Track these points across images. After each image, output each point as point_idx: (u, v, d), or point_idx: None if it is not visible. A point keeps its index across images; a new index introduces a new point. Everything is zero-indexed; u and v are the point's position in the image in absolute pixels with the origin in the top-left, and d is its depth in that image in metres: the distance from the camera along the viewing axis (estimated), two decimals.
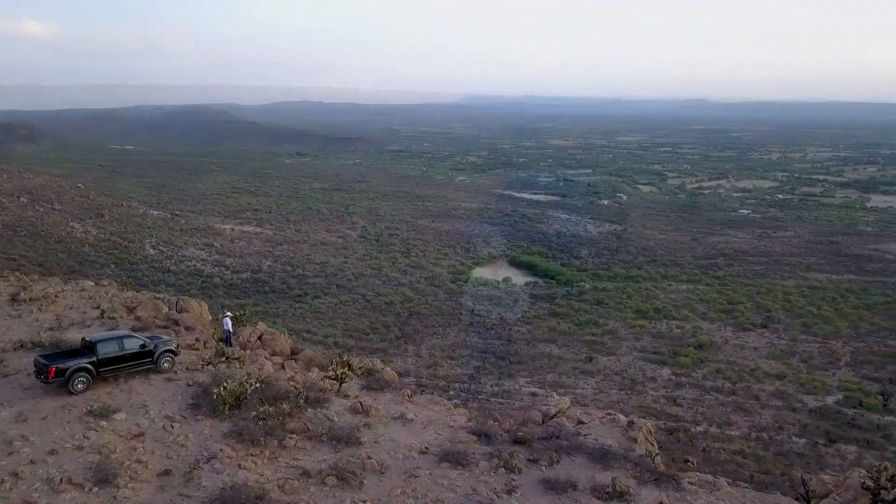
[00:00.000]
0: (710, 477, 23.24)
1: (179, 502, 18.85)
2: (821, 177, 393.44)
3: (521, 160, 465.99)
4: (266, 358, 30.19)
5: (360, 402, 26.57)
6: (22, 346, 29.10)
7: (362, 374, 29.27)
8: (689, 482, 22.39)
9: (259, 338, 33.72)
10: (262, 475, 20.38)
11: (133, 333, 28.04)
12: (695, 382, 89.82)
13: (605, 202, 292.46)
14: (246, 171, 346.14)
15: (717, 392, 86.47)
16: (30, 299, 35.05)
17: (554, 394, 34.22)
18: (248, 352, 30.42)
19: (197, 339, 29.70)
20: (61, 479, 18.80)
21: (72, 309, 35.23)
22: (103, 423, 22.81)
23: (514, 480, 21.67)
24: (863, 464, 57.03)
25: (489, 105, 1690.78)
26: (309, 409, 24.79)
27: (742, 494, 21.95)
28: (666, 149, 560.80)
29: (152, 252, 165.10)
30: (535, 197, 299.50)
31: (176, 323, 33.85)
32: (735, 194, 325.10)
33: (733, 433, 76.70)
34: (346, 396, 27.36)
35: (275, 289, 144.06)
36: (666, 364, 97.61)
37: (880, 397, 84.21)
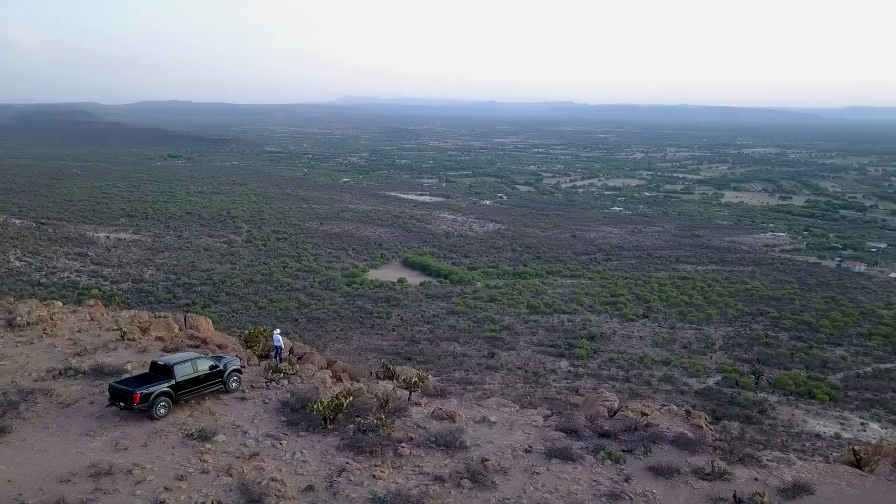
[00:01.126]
0: (781, 454, 26.16)
1: None
2: (681, 175, 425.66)
3: (403, 162, 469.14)
4: (318, 371, 29.69)
5: (442, 409, 27.21)
6: (61, 374, 27.25)
7: (413, 382, 29.89)
8: (767, 459, 24.57)
9: (290, 351, 33.19)
10: (396, 483, 20.90)
11: (203, 355, 27.45)
12: (592, 372, 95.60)
13: (488, 202, 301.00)
14: (116, 174, 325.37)
15: (613, 380, 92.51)
16: (27, 324, 32.52)
17: (604, 390, 35.78)
18: (299, 366, 30.03)
19: (239, 357, 28.77)
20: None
21: (81, 332, 32.98)
22: (209, 445, 22.39)
23: (624, 470, 23.03)
24: (745, 438, 63.02)
25: (365, 106, 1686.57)
26: (396, 419, 25.16)
27: (813, 467, 24.52)
28: (539, 150, 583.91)
29: (18, 264, 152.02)
30: (420, 198, 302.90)
31: (204, 341, 32.27)
32: (606, 192, 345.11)
33: None
34: (417, 404, 27.80)
35: (160, 299, 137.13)
36: (563, 356, 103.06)
37: (752, 376, 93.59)
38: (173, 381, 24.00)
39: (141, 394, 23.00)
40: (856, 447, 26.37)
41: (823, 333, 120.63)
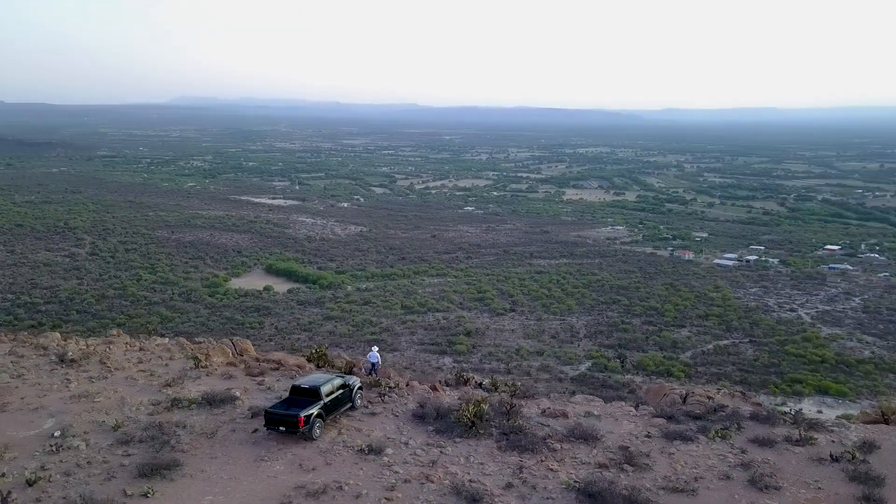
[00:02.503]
0: (841, 420, 29.96)
1: None
2: (524, 174, 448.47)
3: (250, 164, 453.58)
4: (412, 382, 29.62)
5: (552, 408, 28.82)
6: (173, 406, 26.77)
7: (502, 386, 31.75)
8: (830, 426, 27.90)
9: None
10: (570, 473, 22.40)
11: (333, 375, 27.86)
12: (475, 366, 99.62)
13: (346, 205, 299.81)
14: None
15: (496, 373, 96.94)
16: (82, 358, 30.79)
17: (660, 380, 37.83)
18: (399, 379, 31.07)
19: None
20: None
21: (142, 363, 31.78)
22: (385, 458, 23.22)
23: (735, 444, 25.33)
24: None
25: (203, 107, 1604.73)
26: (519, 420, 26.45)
27: (864, 428, 27.80)
28: (389, 152, 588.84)
29: None
30: (274, 202, 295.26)
31: (279, 363, 32.36)
32: (458, 193, 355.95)
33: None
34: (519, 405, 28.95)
35: None
36: (445, 353, 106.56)
37: (618, 361, 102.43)
38: (322, 402, 24.71)
39: (304, 417, 23.68)
40: (882, 407, 31.14)
41: (669, 317, 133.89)
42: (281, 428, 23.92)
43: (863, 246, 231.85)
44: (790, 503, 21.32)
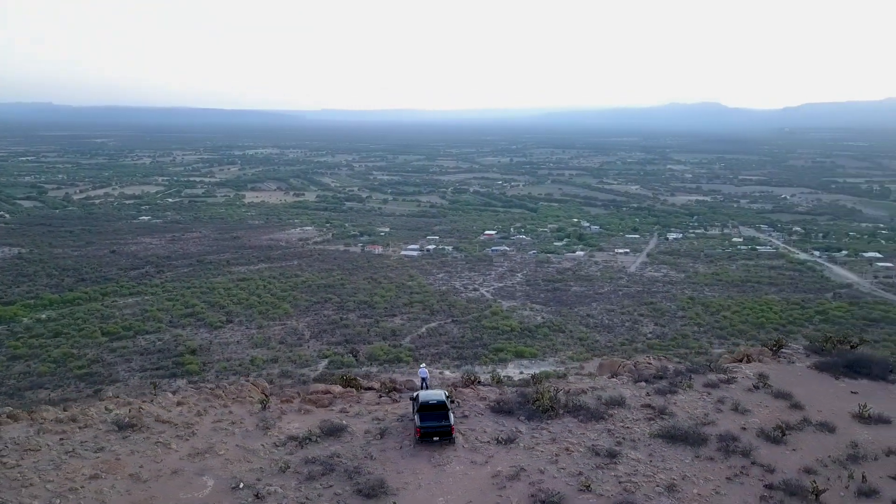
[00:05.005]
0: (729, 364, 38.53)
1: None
2: (197, 178, 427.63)
3: None
4: (462, 389, 33.18)
5: (572, 388, 33.03)
6: (303, 443, 26.96)
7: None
8: (730, 369, 35.60)
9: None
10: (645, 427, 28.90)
11: (441, 390, 30.17)
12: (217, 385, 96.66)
13: None
14: None
15: None
16: (134, 421, 28.14)
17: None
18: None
19: (381, 396, 33.25)
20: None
21: (201, 416, 29.75)
22: (522, 444, 26.88)
23: (699, 390, 32.94)
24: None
25: None
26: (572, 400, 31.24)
27: (745, 366, 34.96)
28: (28, 158, 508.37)
29: None
30: None
31: (327, 392, 33.33)
32: (128, 201, 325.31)
33: None
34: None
35: None
36: (176, 375, 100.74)
37: (351, 356, 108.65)
38: (450, 412, 27.43)
39: (454, 427, 26.92)
40: (739, 352, 40.80)
41: (380, 308, 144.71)
42: (435, 438, 26.69)
43: (512, 229, 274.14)
44: (763, 418, 29.44)
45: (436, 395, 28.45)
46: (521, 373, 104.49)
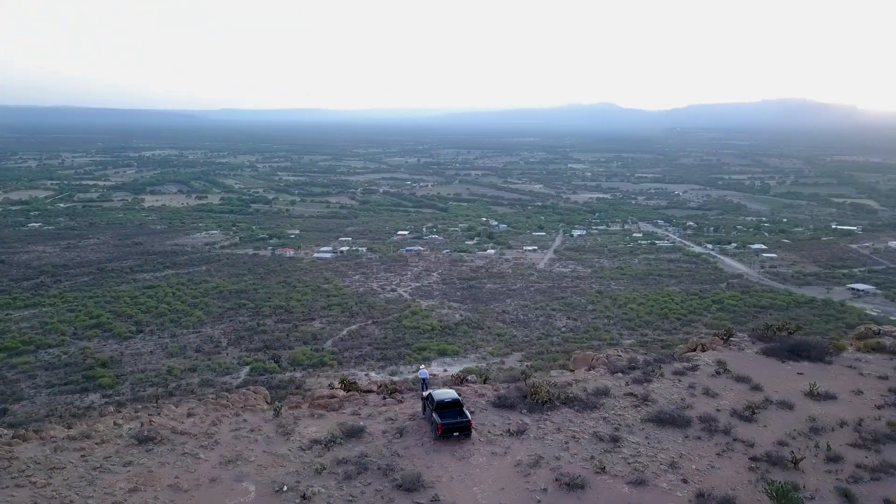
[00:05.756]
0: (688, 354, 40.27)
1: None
2: (90, 182, 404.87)
3: None
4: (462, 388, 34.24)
5: (558, 381, 34.35)
6: (330, 445, 27.58)
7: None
8: (691, 358, 37.90)
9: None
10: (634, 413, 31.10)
11: (451, 389, 32.22)
12: (130, 398, 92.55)
13: None
14: None
15: (157, 397, 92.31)
16: (181, 433, 28.19)
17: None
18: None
19: (384, 397, 34.11)
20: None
21: (215, 425, 29.46)
22: (531, 434, 28.46)
23: (670, 378, 34.85)
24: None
25: None
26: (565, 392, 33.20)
27: (700, 354, 36.40)
28: None
29: None
30: None
31: (333, 396, 33.29)
32: (14, 207, 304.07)
33: None
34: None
35: None
36: (88, 390, 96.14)
37: (273, 362, 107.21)
38: (465, 410, 29.19)
39: (472, 421, 28.54)
40: (692, 342, 42.65)
41: (298, 313, 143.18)
42: (455, 433, 28.13)
43: (424, 229, 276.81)
44: (731, 400, 31.99)
45: (449, 394, 29.92)
46: (445, 370, 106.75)
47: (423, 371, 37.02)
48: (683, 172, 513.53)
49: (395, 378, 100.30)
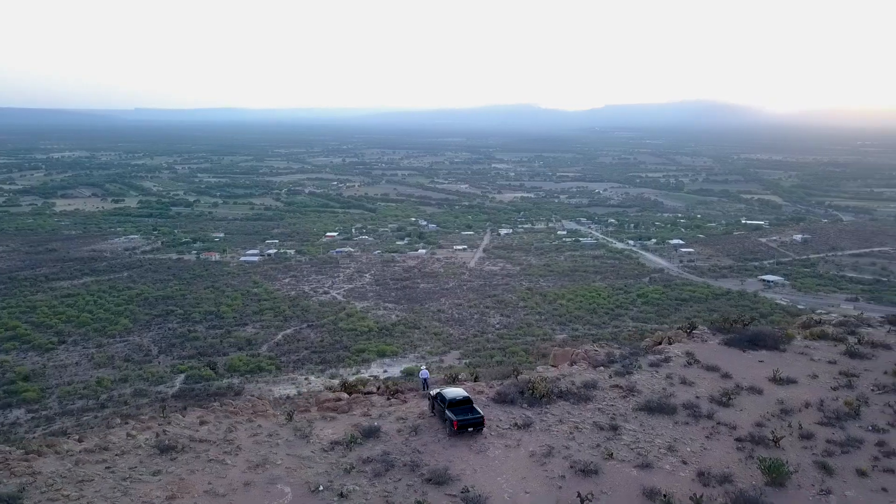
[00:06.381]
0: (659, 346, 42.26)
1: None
2: None
3: None
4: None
5: (546, 376, 36.11)
6: (351, 445, 28.40)
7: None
8: (660, 351, 39.62)
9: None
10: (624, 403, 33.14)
11: (459, 387, 33.96)
12: (57, 412, 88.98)
13: None
14: None
15: (89, 411, 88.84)
16: (200, 440, 28.37)
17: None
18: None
19: (388, 398, 34.93)
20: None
21: (233, 432, 29.65)
22: (537, 427, 29.93)
23: (648, 370, 37.26)
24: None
25: None
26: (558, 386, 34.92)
27: (668, 346, 38.53)
28: None
29: None
30: None
31: (339, 399, 34.29)
32: None
33: None
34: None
35: None
36: (11, 406, 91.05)
37: (209, 368, 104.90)
38: (475, 406, 30.50)
39: (484, 417, 29.78)
40: (661, 334, 44.43)
41: (229, 318, 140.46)
42: (469, 428, 29.35)
43: (353, 230, 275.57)
44: (707, 388, 34.24)
45: (458, 392, 31.28)
46: (385, 371, 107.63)
47: (425, 371, 38.51)
48: (603, 171, 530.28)
49: (335, 381, 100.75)
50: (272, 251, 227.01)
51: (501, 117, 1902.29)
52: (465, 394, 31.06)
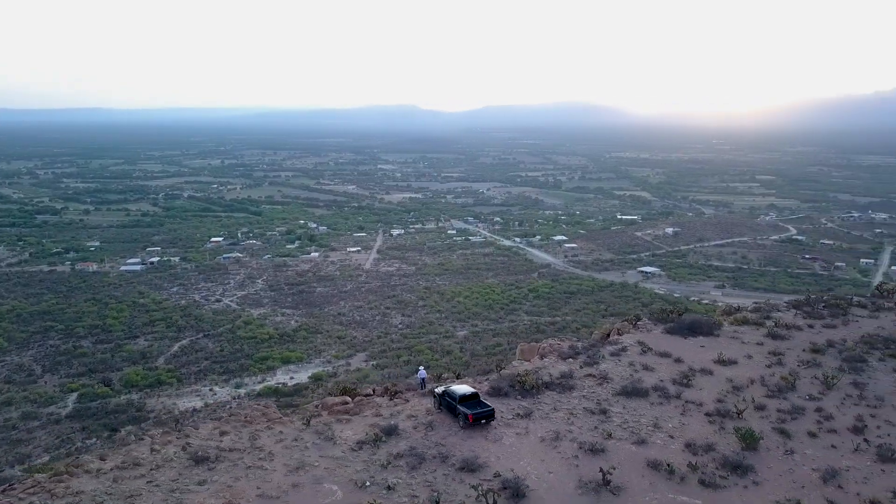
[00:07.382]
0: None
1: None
2: None
3: None
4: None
5: (527, 370, 38.08)
6: (375, 444, 29.56)
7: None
8: (617, 342, 42.41)
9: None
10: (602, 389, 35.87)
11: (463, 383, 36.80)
12: None
13: None
14: None
15: None
16: (229, 449, 28.59)
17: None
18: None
19: (392, 399, 36.42)
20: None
21: (258, 441, 29.92)
22: (538, 414, 32.29)
23: (611, 359, 40.21)
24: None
25: None
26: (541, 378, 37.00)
27: (620, 337, 39.79)
28: None
29: None
30: None
31: (345, 403, 35.24)
32: None
33: None
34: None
35: None
36: None
37: (105, 385, 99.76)
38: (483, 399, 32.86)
39: (494, 409, 32.05)
40: (603, 329, 46.37)
41: (118, 331, 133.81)
42: (482, 420, 31.34)
43: (240, 234, 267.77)
44: (665, 372, 37.25)
45: (466, 388, 33.21)
46: (292, 378, 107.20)
47: (423, 371, 40.16)
48: (484, 171, 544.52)
49: (241, 390, 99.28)
50: (155, 259, 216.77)
51: (383, 118, 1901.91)
52: (473, 389, 33.20)
